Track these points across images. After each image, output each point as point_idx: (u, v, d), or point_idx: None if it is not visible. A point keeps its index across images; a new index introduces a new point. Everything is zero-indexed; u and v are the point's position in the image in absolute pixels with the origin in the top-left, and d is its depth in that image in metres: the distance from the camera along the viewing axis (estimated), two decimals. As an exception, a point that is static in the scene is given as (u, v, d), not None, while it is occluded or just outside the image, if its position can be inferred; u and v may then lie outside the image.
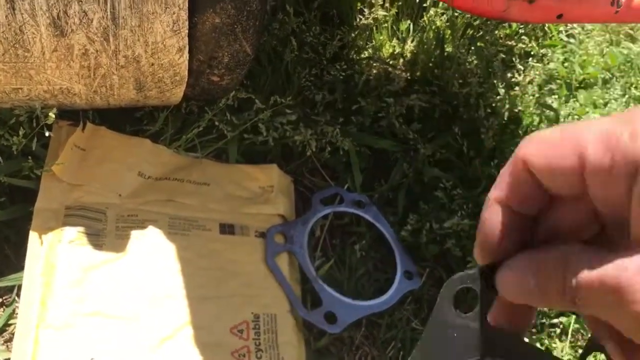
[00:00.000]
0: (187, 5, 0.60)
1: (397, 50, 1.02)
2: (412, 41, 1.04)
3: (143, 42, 0.61)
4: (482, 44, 1.01)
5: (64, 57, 0.60)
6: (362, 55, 1.00)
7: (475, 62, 0.96)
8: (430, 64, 1.00)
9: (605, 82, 1.01)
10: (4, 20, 0.55)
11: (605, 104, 0.95)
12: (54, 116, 0.64)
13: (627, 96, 0.97)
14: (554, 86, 0.98)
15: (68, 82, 0.64)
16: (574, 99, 0.98)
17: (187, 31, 0.62)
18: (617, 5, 0.70)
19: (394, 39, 1.04)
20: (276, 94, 0.87)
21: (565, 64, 1.03)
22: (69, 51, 0.60)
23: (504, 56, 1.00)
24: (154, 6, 0.58)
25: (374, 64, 1.00)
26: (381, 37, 1.03)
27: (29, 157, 0.68)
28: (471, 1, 0.65)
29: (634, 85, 1.01)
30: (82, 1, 0.56)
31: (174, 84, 0.69)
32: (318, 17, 0.98)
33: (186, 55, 0.65)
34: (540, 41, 1.03)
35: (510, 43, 1.03)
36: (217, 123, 0.79)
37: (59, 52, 0.59)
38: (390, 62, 1.01)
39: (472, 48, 0.98)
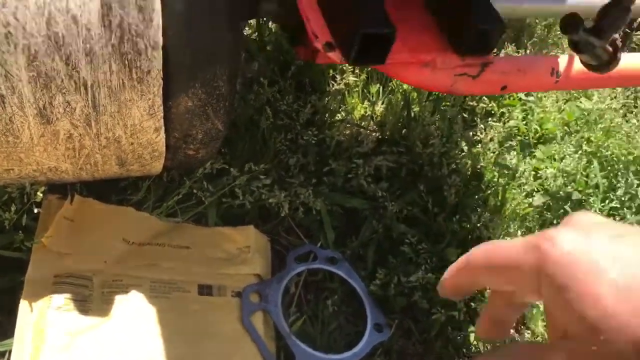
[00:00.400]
0: (161, 92, 0.65)
1: (368, 112, 1.09)
2: (382, 103, 1.11)
3: (122, 125, 0.67)
4: (446, 105, 1.07)
5: (51, 142, 0.66)
6: (335, 118, 1.07)
7: (438, 123, 1.02)
8: (399, 124, 1.06)
9: (563, 137, 1.07)
10: (-4, 113, 0.61)
11: (562, 159, 1.01)
12: (41, 195, 0.69)
13: (579, 152, 1.03)
14: (513, 143, 1.04)
15: (55, 162, 0.69)
16: (533, 155, 1.04)
17: (162, 114, 0.68)
18: (557, 75, 0.76)
19: (365, 101, 1.11)
20: (253, 158, 0.92)
21: (525, 121, 1.09)
22: (55, 136, 0.65)
23: (465, 116, 1.06)
24: (131, 94, 0.64)
25: (347, 126, 1.06)
26: (353, 101, 1.09)
27: (20, 231, 0.73)
28: (421, 78, 0.71)
29: (588, 140, 1.07)
30: (65, 93, 0.62)
31: (153, 159, 0.74)
32: (293, 85, 1.05)
33: (163, 134, 0.70)
34: (500, 101, 1.09)
35: (472, 103, 1.09)
36: (195, 191, 0.84)
37: (46, 137, 0.65)
38: (362, 124, 1.07)
39: (436, 110, 1.05)
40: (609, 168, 1.00)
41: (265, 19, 1.05)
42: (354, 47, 0.62)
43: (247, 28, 1.07)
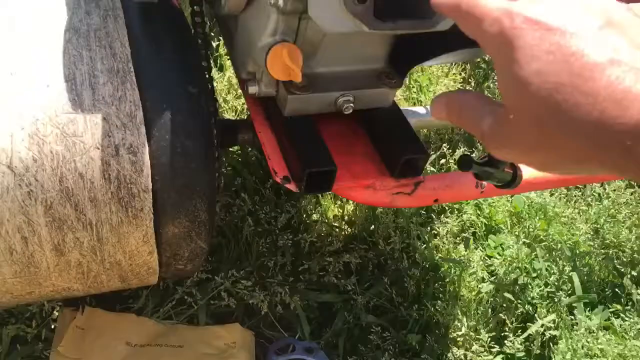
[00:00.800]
0: (152, 223, 0.80)
1: (339, 212, 1.23)
2: (353, 204, 1.25)
3: (122, 251, 0.82)
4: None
5: (64, 269, 0.80)
6: (311, 219, 1.21)
7: (398, 221, 1.17)
8: (366, 222, 1.20)
9: (512, 226, 1.21)
10: (20, 250, 0.76)
11: (509, 247, 1.15)
12: (57, 313, 0.83)
13: (524, 240, 1.16)
14: (467, 234, 1.18)
15: (68, 284, 0.83)
16: (484, 245, 1.17)
17: (154, 240, 0.82)
18: (481, 187, 0.91)
19: (337, 202, 1.26)
20: (237, 262, 1.06)
21: (478, 213, 1.23)
22: (68, 264, 0.80)
23: (423, 212, 1.20)
24: (128, 227, 0.79)
25: (321, 226, 1.20)
26: (325, 203, 1.24)
27: (40, 342, 0.87)
28: (364, 198, 0.86)
29: (534, 228, 1.20)
30: (75, 231, 0.77)
31: (149, 274, 0.88)
32: (272, 193, 1.20)
33: (155, 255, 0.85)
34: (453, 197, 1.24)
35: (429, 201, 1.23)
36: (186, 297, 0.98)
37: (60, 266, 0.80)
38: (334, 224, 1.21)
39: (397, 209, 1.19)
40: (550, 254, 1.13)
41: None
42: (303, 182, 0.77)
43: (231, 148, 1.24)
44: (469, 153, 1.21)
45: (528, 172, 0.88)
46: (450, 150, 1.30)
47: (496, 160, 0.74)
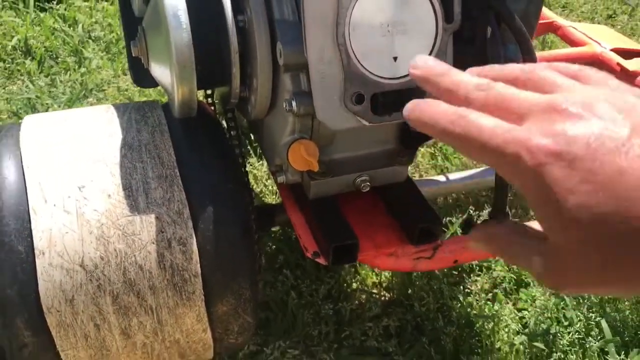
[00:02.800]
0: (204, 304, 0.91)
1: (377, 279, 1.32)
2: (389, 271, 1.34)
3: (180, 330, 0.92)
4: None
5: (131, 350, 0.91)
6: (351, 289, 1.30)
7: (432, 283, 1.24)
8: (402, 287, 1.28)
9: (540, 278, 1.26)
10: (93, 336, 0.87)
11: (537, 299, 1.20)
12: (127, 390, 0.93)
13: (553, 297, 1.22)
14: (498, 290, 1.24)
15: (135, 363, 0.94)
16: (515, 298, 1.23)
17: (207, 318, 0.93)
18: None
19: (374, 270, 1.34)
20: (285, 333, 1.15)
21: (507, 269, 1.29)
22: (134, 345, 0.91)
23: (455, 273, 1.28)
24: (183, 309, 0.90)
25: (360, 293, 1.29)
26: (363, 272, 1.32)
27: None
28: (388, 265, 0.94)
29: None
30: (138, 316, 0.88)
31: (204, 349, 0.98)
32: (312, 266, 1.30)
33: (209, 332, 0.95)
34: (481, 257, 1.31)
35: (459, 261, 1.31)
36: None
37: (128, 348, 0.91)
38: (372, 291, 1.29)
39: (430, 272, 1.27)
40: (578, 303, 1.18)
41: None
42: (330, 255, 0.87)
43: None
44: (471, 216, 1.30)
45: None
46: (476, 212, 1.38)
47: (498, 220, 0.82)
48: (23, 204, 0.83)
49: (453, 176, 1.30)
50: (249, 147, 1.58)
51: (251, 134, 1.53)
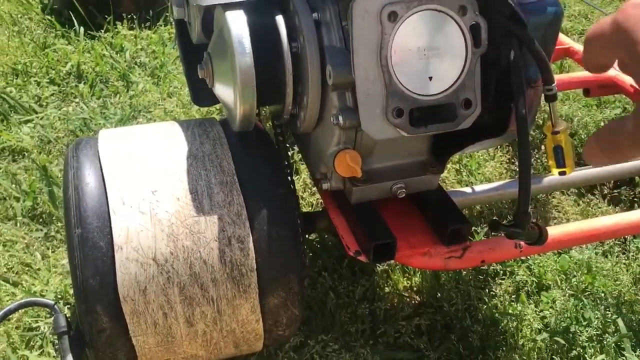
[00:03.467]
0: (258, 296, 1.01)
1: (407, 283, 1.41)
2: (418, 274, 1.43)
3: (236, 320, 1.03)
4: (466, 272, 1.38)
5: (193, 337, 1.02)
6: (384, 291, 1.39)
7: (460, 286, 1.33)
8: (432, 290, 1.37)
9: (561, 282, 1.35)
10: (161, 323, 0.98)
11: (557, 300, 1.28)
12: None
13: (568, 294, 1.30)
14: (521, 292, 1.33)
15: (195, 351, 1.04)
16: (537, 301, 1.31)
17: (260, 310, 1.03)
18: (519, 247, 1.08)
19: (405, 275, 1.44)
20: (325, 330, 1.25)
21: (529, 273, 1.38)
22: (195, 334, 1.01)
23: (481, 277, 1.37)
24: (240, 300, 1.00)
25: (393, 295, 1.38)
26: (395, 277, 1.42)
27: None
28: (422, 263, 1.04)
29: (580, 282, 1.34)
30: (201, 305, 0.99)
31: (256, 339, 1.08)
32: (348, 271, 1.40)
33: (261, 323, 1.05)
34: (504, 263, 1.40)
35: (483, 268, 1.40)
36: None
37: (190, 335, 1.01)
38: (404, 293, 1.39)
39: (458, 276, 1.36)
40: (596, 304, 1.26)
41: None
42: (370, 253, 0.97)
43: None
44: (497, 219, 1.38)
45: (555, 231, 1.05)
46: (506, 221, 1.47)
47: (521, 221, 0.91)
48: (104, 205, 0.95)
49: (478, 188, 1.39)
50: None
51: (292, 147, 1.64)
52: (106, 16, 2.37)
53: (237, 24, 0.88)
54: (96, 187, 0.97)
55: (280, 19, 0.92)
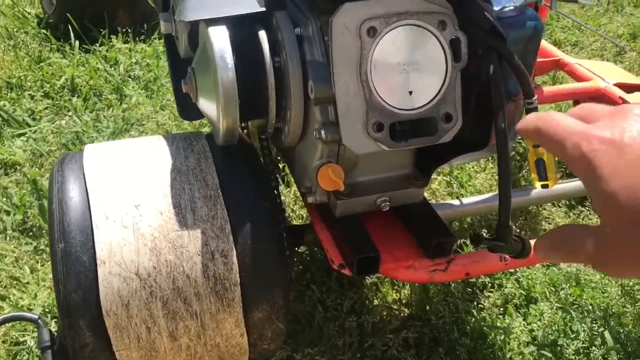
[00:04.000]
0: (242, 310, 1.00)
1: (396, 296, 1.40)
2: (408, 287, 1.42)
3: (220, 335, 1.02)
4: (455, 285, 1.38)
5: (177, 351, 1.01)
6: (372, 304, 1.39)
7: (448, 298, 1.33)
8: (420, 303, 1.37)
9: (549, 295, 1.34)
10: (145, 337, 0.97)
11: (545, 313, 1.28)
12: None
13: (561, 305, 1.29)
14: (509, 305, 1.32)
15: (179, 365, 1.04)
16: (525, 313, 1.31)
17: (244, 324, 1.02)
18: (504, 260, 1.07)
19: (394, 288, 1.43)
20: (312, 343, 1.24)
21: (517, 286, 1.37)
22: (179, 348, 1.00)
23: (469, 289, 1.36)
24: (224, 315, 1.00)
25: (381, 308, 1.37)
26: (384, 289, 1.41)
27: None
28: (406, 276, 1.03)
29: (569, 295, 1.33)
30: (184, 320, 0.98)
31: (241, 354, 1.08)
32: (337, 283, 1.39)
33: (245, 337, 1.04)
34: (492, 276, 1.39)
35: (472, 280, 1.39)
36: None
37: (174, 349, 1.00)
38: (392, 306, 1.38)
39: (446, 288, 1.35)
40: (584, 316, 1.25)
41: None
42: (354, 267, 0.97)
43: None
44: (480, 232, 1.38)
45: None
46: (488, 234, 1.46)
47: (503, 234, 0.91)
48: (87, 220, 0.94)
49: (467, 200, 1.39)
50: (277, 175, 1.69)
51: (279, 163, 1.64)
52: (101, 30, 2.37)
53: (220, 39, 0.88)
54: (80, 201, 0.96)
55: (263, 34, 0.92)
